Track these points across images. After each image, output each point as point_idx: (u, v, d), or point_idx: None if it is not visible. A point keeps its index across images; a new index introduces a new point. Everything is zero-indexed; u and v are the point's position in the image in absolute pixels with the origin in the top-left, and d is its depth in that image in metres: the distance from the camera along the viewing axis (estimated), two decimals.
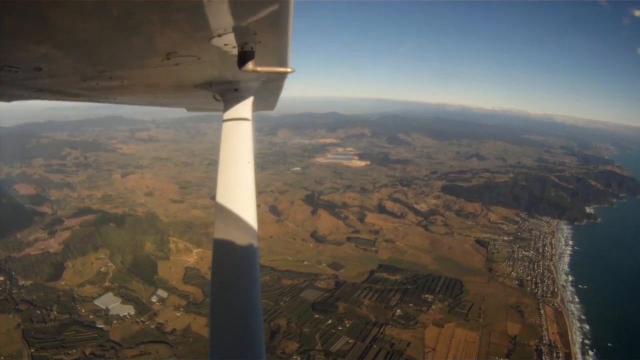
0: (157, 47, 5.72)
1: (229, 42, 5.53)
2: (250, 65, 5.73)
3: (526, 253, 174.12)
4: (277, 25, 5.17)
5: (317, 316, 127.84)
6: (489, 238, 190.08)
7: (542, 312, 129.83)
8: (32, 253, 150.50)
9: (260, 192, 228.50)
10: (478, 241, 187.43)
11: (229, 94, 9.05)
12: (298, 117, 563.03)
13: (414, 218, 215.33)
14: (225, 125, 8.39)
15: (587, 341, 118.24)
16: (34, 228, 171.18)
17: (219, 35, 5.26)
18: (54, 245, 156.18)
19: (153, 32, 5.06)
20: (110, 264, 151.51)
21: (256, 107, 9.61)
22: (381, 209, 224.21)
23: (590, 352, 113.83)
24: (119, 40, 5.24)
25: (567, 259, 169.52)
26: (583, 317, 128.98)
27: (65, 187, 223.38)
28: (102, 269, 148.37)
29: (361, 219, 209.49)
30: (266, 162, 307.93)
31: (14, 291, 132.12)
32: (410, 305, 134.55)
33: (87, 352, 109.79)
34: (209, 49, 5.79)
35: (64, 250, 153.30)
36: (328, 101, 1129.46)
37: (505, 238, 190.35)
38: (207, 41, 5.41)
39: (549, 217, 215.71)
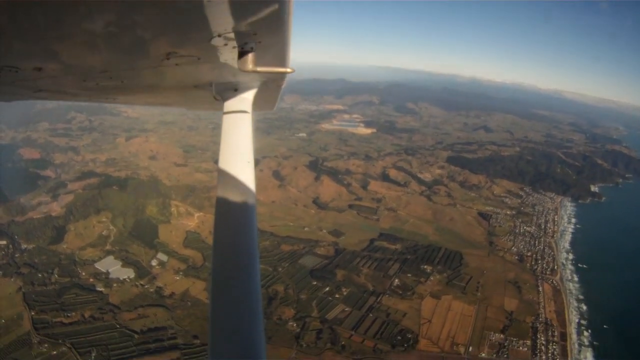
0: (157, 47, 5.70)
1: (228, 42, 5.49)
2: (250, 66, 5.65)
3: (528, 228, 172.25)
4: (277, 25, 5.17)
5: (315, 283, 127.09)
6: (492, 211, 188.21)
7: (540, 289, 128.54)
8: (34, 217, 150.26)
9: (263, 156, 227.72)
10: (480, 214, 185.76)
11: (229, 94, 8.96)
12: (305, 82, 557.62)
13: (417, 187, 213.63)
14: (225, 125, 8.27)
15: (583, 322, 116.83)
16: (38, 192, 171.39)
17: (219, 36, 5.24)
18: (56, 208, 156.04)
19: (153, 32, 5.11)
20: (111, 227, 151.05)
21: (256, 107, 9.43)
22: (385, 177, 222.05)
23: (586, 333, 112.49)
24: (119, 40, 5.20)
25: (568, 237, 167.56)
26: (581, 297, 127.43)
27: (70, 151, 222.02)
28: (103, 233, 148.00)
29: (364, 186, 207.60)
30: (271, 127, 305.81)
31: (16, 255, 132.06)
32: (409, 275, 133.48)
33: (86, 315, 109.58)
34: (209, 49, 5.76)
35: (67, 213, 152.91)
36: (336, 68, 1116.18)
37: (508, 212, 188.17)
38: (207, 41, 5.37)
39: (553, 193, 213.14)
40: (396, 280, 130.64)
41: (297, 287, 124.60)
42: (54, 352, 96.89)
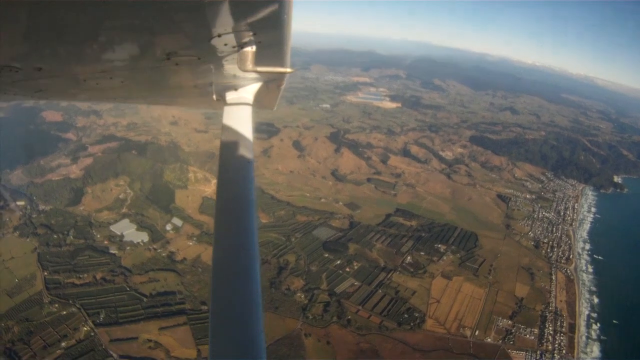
0: (158, 47, 5.86)
1: (228, 42, 5.63)
2: (250, 66, 5.91)
3: (547, 214, 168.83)
4: (277, 25, 5.26)
5: (326, 255, 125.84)
6: (511, 194, 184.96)
7: (553, 277, 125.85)
8: (53, 179, 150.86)
9: (285, 126, 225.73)
10: (499, 196, 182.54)
11: (229, 94, 9.25)
12: (333, 53, 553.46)
13: (437, 165, 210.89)
14: (225, 124, 8.39)
15: (593, 314, 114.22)
16: (58, 154, 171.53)
17: (219, 36, 5.33)
18: (75, 171, 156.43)
19: (153, 32, 5.23)
20: (129, 190, 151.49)
21: (256, 106, 9.59)
22: (405, 153, 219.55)
23: (595, 326, 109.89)
24: (119, 41, 5.41)
25: (587, 226, 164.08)
26: (594, 288, 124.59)
27: (92, 114, 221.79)
28: (120, 196, 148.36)
29: (384, 160, 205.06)
30: (296, 96, 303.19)
31: (33, 216, 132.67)
32: (422, 253, 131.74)
33: (97, 277, 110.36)
34: (209, 49, 5.90)
35: (85, 176, 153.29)
36: (366, 40, 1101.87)
37: (528, 196, 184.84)
38: (207, 41, 5.48)
39: (575, 181, 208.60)
40: (408, 258, 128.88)
41: (308, 259, 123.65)
42: (64, 312, 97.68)
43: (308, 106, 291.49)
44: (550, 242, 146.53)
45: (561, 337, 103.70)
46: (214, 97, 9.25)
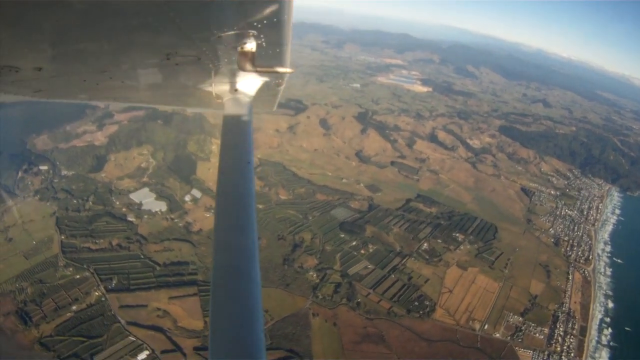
0: (158, 47, 5.85)
1: (228, 42, 5.68)
2: (250, 66, 5.81)
3: (570, 212, 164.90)
4: (277, 25, 5.21)
5: (342, 236, 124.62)
6: (536, 188, 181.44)
7: (570, 277, 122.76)
8: (77, 145, 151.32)
9: (313, 103, 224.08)
10: (523, 189, 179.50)
11: (229, 94, 9.09)
12: (368, 33, 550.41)
13: (464, 153, 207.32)
14: (225, 124, 8.11)
15: (606, 319, 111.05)
16: (84, 121, 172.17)
17: (219, 36, 5.38)
18: (100, 138, 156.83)
19: (153, 32, 5.17)
20: (151, 160, 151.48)
21: (256, 106, 9.89)
22: (432, 138, 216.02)
23: (606, 332, 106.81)
24: (120, 41, 5.38)
25: (609, 228, 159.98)
26: (610, 292, 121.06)
27: None
28: (142, 165, 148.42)
29: (410, 145, 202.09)
30: (326, 75, 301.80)
31: (55, 180, 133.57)
32: (439, 241, 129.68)
33: (113, 243, 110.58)
34: (209, 49, 5.99)
35: (109, 143, 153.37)
36: (402, 22, 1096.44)
37: (552, 192, 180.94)
38: (207, 41, 5.59)
39: (602, 180, 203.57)
40: (425, 244, 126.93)
41: (324, 238, 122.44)
42: (77, 276, 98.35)
43: (338, 85, 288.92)
44: (571, 241, 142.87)
45: (571, 340, 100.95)
46: (214, 97, 9.02)
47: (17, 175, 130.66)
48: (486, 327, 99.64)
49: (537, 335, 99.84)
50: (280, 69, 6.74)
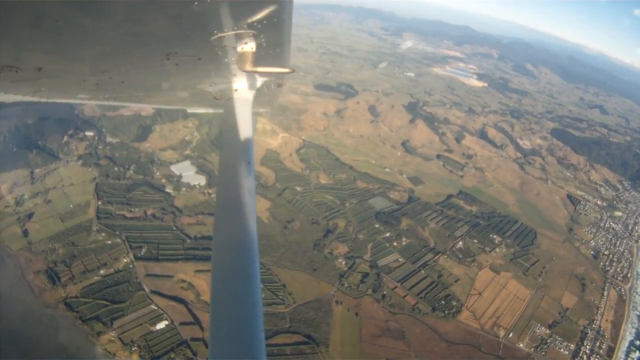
0: (158, 47, 5.86)
1: (229, 43, 5.72)
2: (250, 66, 5.85)
3: (614, 225, 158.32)
4: (277, 25, 5.28)
5: (377, 226, 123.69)
6: (582, 197, 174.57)
7: (605, 293, 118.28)
8: (125, 114, 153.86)
9: (364, 89, 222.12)
10: (569, 196, 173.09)
11: (229, 94, 9.25)
12: (429, 23, 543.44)
13: (512, 153, 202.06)
14: (225, 125, 8.61)
15: (637, 342, 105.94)
16: None
17: (219, 36, 5.38)
18: (147, 108, 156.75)
19: (153, 32, 5.21)
20: (195, 133, 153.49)
21: (256, 106, 10.01)
22: (482, 135, 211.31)
23: (634, 355, 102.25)
24: (119, 41, 5.33)
25: None
26: None
27: None
28: (186, 137, 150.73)
29: (458, 139, 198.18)
30: (381, 61, 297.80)
31: (99, 147, 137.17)
32: (475, 241, 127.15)
33: (148, 213, 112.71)
34: (209, 49, 6.01)
35: (155, 114, 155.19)
36: (464, 14, 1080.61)
37: (599, 202, 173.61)
38: (207, 41, 5.56)
39: None
40: (460, 243, 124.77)
41: (358, 226, 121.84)
42: (109, 242, 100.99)
43: (392, 73, 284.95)
44: (611, 256, 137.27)
45: (597, 359, 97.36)
46: (214, 97, 9.22)
47: (62, 140, 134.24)
48: (511, 335, 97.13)
49: (562, 350, 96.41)
50: (281, 69, 6.86)
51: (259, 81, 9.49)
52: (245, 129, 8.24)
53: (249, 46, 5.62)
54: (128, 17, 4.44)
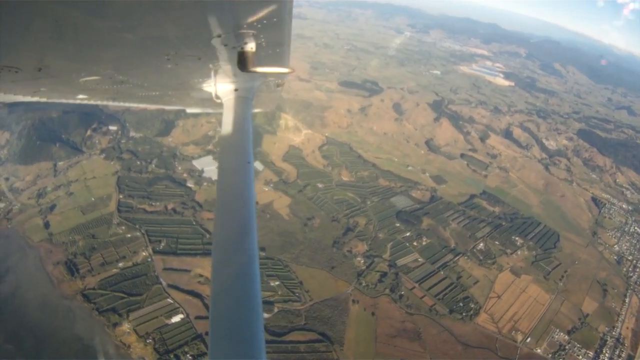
0: (158, 47, 5.84)
1: (228, 43, 5.73)
2: (249, 66, 5.84)
3: (639, 230, 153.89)
4: (277, 25, 5.30)
5: (397, 225, 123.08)
6: (607, 200, 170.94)
7: (627, 300, 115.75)
8: (149, 108, 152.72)
9: (389, 87, 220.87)
10: (594, 199, 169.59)
11: (229, 94, 9.26)
12: (456, 20, 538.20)
13: (537, 153, 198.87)
14: (225, 124, 8.43)
15: None
16: None
17: (219, 36, 5.40)
18: None
19: (154, 32, 5.23)
20: (218, 129, 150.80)
21: (256, 106, 10.59)
22: (507, 134, 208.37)
23: None
24: (120, 41, 5.30)
25: None
26: None
27: None
28: (209, 133, 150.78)
29: (483, 138, 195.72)
30: (407, 59, 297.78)
31: (122, 141, 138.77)
32: (496, 243, 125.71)
33: (168, 207, 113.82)
34: (209, 49, 6.02)
35: (178, 109, 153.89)
36: (492, 11, 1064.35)
37: (624, 206, 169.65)
38: (207, 42, 5.60)
39: None
40: (481, 244, 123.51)
41: (378, 225, 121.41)
42: (128, 235, 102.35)
43: (418, 70, 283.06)
44: (635, 261, 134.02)
45: None
46: (214, 97, 9.12)
47: (86, 134, 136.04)
48: (529, 340, 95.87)
49: (581, 357, 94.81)
50: (280, 69, 6.90)
51: (259, 81, 9.75)
52: (245, 129, 8.38)
53: (248, 46, 5.70)
54: (128, 17, 4.44)
